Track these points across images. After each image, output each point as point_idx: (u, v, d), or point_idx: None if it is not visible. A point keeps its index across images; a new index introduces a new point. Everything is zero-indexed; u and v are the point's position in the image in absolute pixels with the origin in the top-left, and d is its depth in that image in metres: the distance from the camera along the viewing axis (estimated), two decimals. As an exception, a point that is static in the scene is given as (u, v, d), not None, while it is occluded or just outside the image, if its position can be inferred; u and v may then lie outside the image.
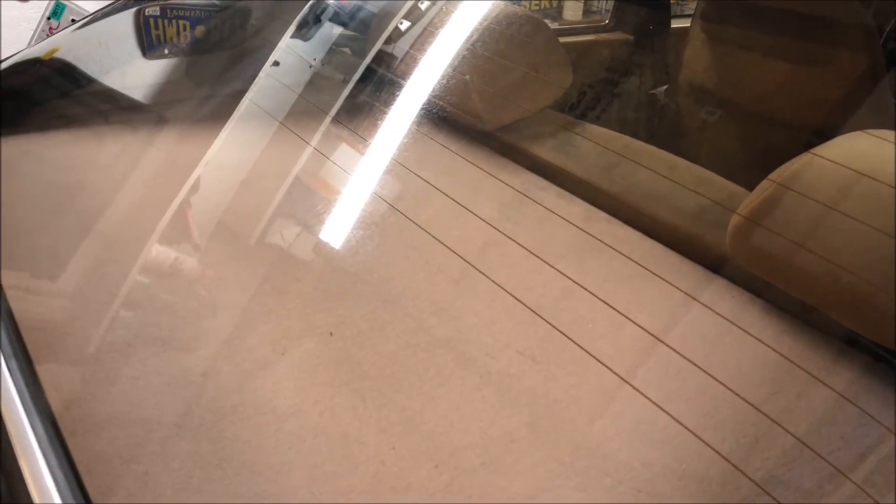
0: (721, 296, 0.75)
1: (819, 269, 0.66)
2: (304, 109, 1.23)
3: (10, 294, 0.81)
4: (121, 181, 1.05)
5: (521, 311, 0.71)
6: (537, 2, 2.16)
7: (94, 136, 1.19)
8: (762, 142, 1.19)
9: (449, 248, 0.82)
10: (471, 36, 1.07)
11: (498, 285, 0.75)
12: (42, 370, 0.70)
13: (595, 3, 2.09)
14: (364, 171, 1.02)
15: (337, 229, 0.91)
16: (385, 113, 1.10)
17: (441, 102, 1.04)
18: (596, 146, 0.97)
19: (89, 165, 1.10)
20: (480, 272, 0.77)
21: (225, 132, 1.18)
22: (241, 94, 1.28)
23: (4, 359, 0.69)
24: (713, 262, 0.78)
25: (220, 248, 0.94)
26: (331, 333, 0.69)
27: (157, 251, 0.92)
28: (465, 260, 0.80)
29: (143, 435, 0.63)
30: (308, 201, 0.99)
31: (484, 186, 0.94)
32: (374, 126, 1.09)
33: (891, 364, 0.63)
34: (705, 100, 1.30)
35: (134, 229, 0.96)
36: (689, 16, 1.57)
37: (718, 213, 0.83)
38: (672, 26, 1.57)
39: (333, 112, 1.18)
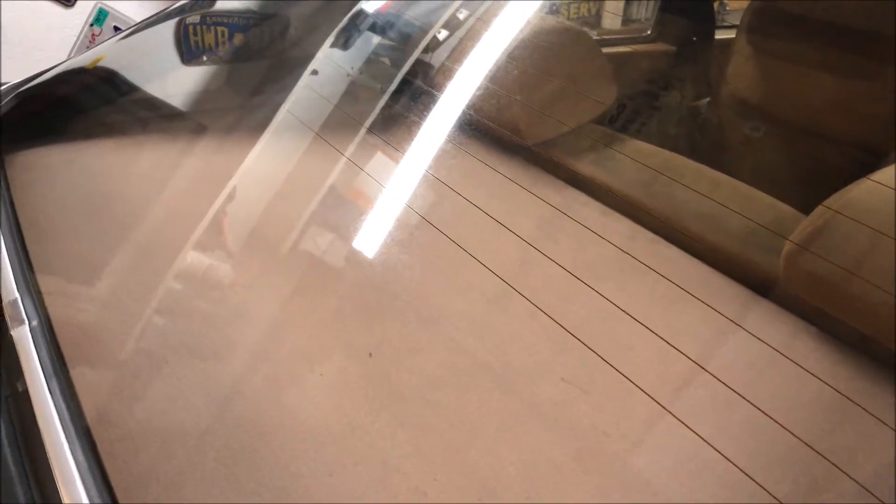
0: (771, 322, 0.73)
1: (879, 298, 0.63)
2: (340, 119, 1.23)
3: (48, 299, 0.81)
4: (157, 190, 1.05)
5: (563, 336, 0.69)
6: (576, 8, 2.13)
7: (133, 145, 1.20)
8: (810, 159, 1.16)
9: (486, 266, 0.80)
10: (511, 46, 1.06)
11: (537, 307, 0.73)
12: (76, 374, 0.71)
13: (634, 11, 2.06)
14: (400, 185, 1.01)
15: (372, 243, 0.90)
16: (421, 124, 1.09)
17: (479, 115, 1.02)
18: (639, 162, 0.95)
19: (127, 174, 1.11)
20: (519, 293, 0.76)
21: (262, 141, 1.18)
22: (278, 102, 1.28)
23: (41, 363, 0.70)
24: (763, 285, 0.76)
25: (255, 257, 0.94)
26: (370, 354, 0.68)
27: (192, 259, 0.92)
28: (503, 280, 0.79)
29: (176, 450, 0.63)
30: (343, 212, 0.98)
31: (523, 202, 0.92)
32: (411, 137, 1.08)
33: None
34: (750, 115, 1.27)
35: (169, 237, 0.96)
36: (733, 27, 1.54)
37: (768, 235, 0.81)
38: (715, 37, 1.54)
39: (369, 122, 1.17)
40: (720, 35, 1.53)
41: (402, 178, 1.02)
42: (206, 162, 1.19)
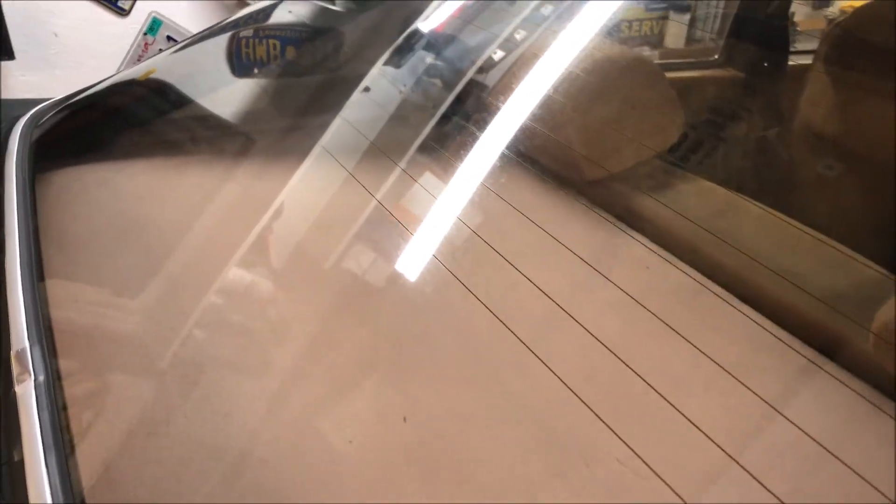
0: (845, 390, 0.66)
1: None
2: (386, 141, 1.19)
3: (60, 346, 0.79)
4: (192, 217, 1.02)
5: (617, 406, 0.63)
6: (638, 26, 2.06)
7: (171, 167, 1.18)
8: (892, 206, 1.07)
9: (534, 320, 0.75)
10: (569, 72, 1.00)
11: (590, 375, 0.67)
12: (80, 451, 0.69)
13: (700, 31, 1.97)
14: (440, 219, 0.96)
15: (400, 276, 0.86)
16: (471, 150, 1.04)
17: (532, 146, 0.97)
18: (708, 205, 0.88)
19: (161, 198, 1.08)
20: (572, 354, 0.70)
21: (308, 160, 1.14)
22: (328, 119, 1.25)
23: (41, 431, 0.67)
24: (835, 349, 0.69)
25: (298, 277, 0.91)
26: (404, 419, 0.63)
27: (234, 275, 0.90)
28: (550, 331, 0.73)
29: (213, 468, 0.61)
30: (377, 241, 0.94)
31: (574, 245, 0.86)
32: (457, 166, 1.03)
33: None
34: (824, 150, 1.19)
35: (199, 273, 0.93)
36: (807, 52, 1.45)
37: (857, 301, 0.73)
38: (789, 63, 1.45)
39: (417, 143, 1.13)
40: (794, 61, 1.45)
41: (443, 211, 0.98)
42: (246, 186, 1.16)
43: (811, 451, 0.59)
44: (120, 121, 1.30)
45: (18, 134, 1.13)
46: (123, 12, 2.21)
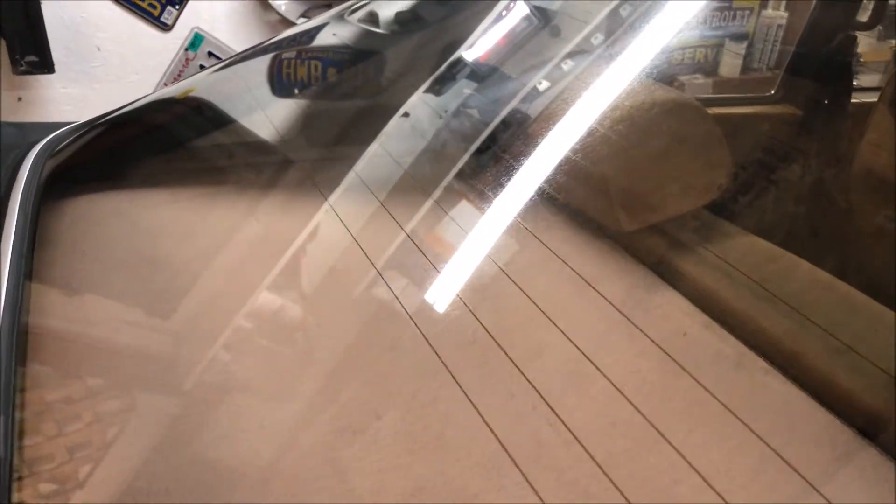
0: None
1: None
2: (422, 169, 1.16)
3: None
4: (210, 256, 1.00)
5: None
6: (692, 53, 2.00)
7: (192, 198, 1.16)
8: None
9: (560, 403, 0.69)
10: (614, 118, 0.95)
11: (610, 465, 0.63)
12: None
13: (756, 60, 1.90)
14: (462, 266, 0.92)
15: (426, 307, 0.83)
16: (505, 188, 1.00)
17: (569, 189, 0.93)
18: (756, 266, 0.82)
19: (176, 233, 1.06)
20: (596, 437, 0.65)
21: (342, 186, 1.13)
22: (365, 145, 1.23)
23: None
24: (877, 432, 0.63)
25: (323, 302, 0.90)
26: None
27: (263, 299, 0.88)
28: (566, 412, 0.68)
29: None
30: (406, 271, 0.91)
31: (605, 302, 0.81)
32: (489, 201, 0.99)
33: None
34: (887, 200, 1.11)
35: (242, 280, 0.92)
36: (872, 89, 1.37)
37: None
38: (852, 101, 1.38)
39: (449, 178, 1.10)
40: (856, 99, 1.37)
41: (471, 247, 0.95)
42: (286, 204, 1.15)
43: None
44: (145, 146, 1.29)
45: (31, 161, 1.08)
46: (166, 27, 2.23)
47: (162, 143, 1.29)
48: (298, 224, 1.02)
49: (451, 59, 1.31)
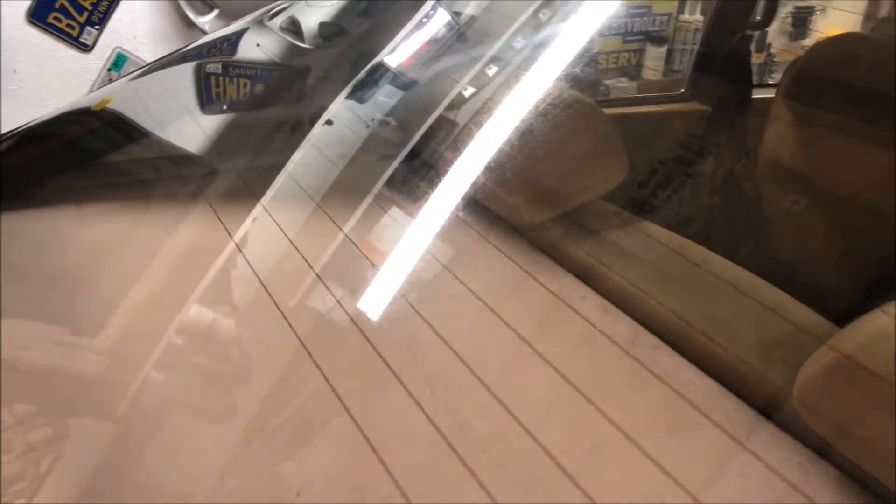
0: (777, 452, 0.63)
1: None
2: (349, 176, 1.18)
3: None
4: (160, 246, 0.99)
5: (546, 460, 0.61)
6: (615, 58, 2.06)
7: (137, 200, 1.15)
8: (856, 241, 1.05)
9: (470, 367, 0.72)
10: (519, 118, 0.99)
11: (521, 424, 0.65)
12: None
13: (677, 63, 1.97)
14: (397, 254, 0.95)
15: (364, 312, 0.84)
16: (428, 191, 1.03)
17: (483, 188, 0.96)
18: (650, 251, 0.86)
19: (129, 230, 1.05)
20: (503, 404, 0.68)
21: (270, 195, 1.13)
22: (291, 154, 1.24)
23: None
24: (772, 408, 0.66)
25: (258, 314, 0.89)
26: (297, 494, 0.61)
27: (195, 313, 0.88)
28: (488, 389, 0.70)
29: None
30: (341, 277, 0.92)
31: (519, 290, 0.84)
32: (415, 204, 1.02)
33: None
34: (790, 186, 1.17)
35: (172, 294, 0.91)
36: (772, 86, 1.44)
37: (788, 350, 0.71)
38: (755, 97, 1.44)
39: (377, 186, 1.12)
40: (760, 94, 1.43)
41: (399, 248, 0.97)
42: (214, 216, 1.14)
43: None
44: (58, 161, 1.27)
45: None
46: (86, 48, 2.21)
47: (77, 157, 1.27)
48: (224, 234, 1.02)
49: (372, 63, 1.34)
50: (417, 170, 1.11)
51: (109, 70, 2.22)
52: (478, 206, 0.96)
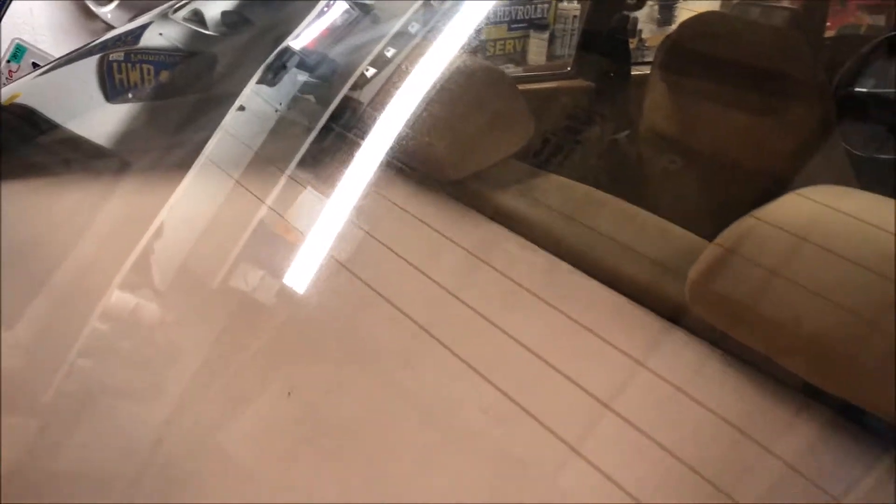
0: (682, 350, 0.76)
1: (770, 322, 0.67)
2: (265, 157, 1.22)
3: None
4: (78, 233, 1.02)
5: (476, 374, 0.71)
6: (502, 45, 2.19)
7: (52, 186, 1.16)
8: (723, 190, 1.22)
9: (402, 310, 0.80)
10: (433, 87, 1.08)
11: (451, 350, 0.74)
12: None
13: (559, 47, 2.13)
14: (321, 226, 1.01)
15: (293, 285, 0.90)
16: (347, 163, 1.10)
17: (404, 152, 1.04)
18: (557, 196, 0.98)
19: (45, 217, 1.07)
20: (434, 337, 0.76)
21: (188, 178, 1.16)
22: (204, 139, 1.27)
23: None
24: (674, 314, 0.79)
25: (180, 297, 0.92)
26: (289, 393, 0.68)
27: (117, 299, 0.90)
28: (417, 323, 0.79)
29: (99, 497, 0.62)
30: (264, 254, 0.97)
31: (444, 239, 0.94)
32: (334, 177, 1.08)
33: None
34: (667, 148, 1.33)
35: (92, 281, 0.93)
36: (649, 63, 1.61)
37: (678, 265, 0.84)
38: (633, 73, 1.61)
39: (295, 162, 1.17)
40: (638, 71, 1.60)
41: (323, 220, 1.02)
42: (129, 202, 1.16)
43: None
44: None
45: None
46: (-19, 41, 2.12)
47: (12, 139, 1.26)
48: (142, 220, 1.03)
49: (280, 48, 1.39)
50: (340, 142, 1.18)
51: (9, 61, 2.13)
52: (404, 168, 1.05)
